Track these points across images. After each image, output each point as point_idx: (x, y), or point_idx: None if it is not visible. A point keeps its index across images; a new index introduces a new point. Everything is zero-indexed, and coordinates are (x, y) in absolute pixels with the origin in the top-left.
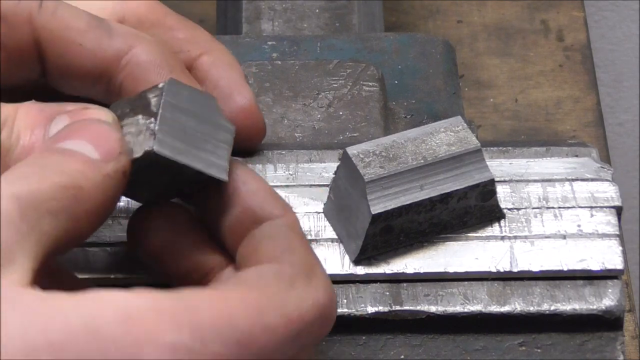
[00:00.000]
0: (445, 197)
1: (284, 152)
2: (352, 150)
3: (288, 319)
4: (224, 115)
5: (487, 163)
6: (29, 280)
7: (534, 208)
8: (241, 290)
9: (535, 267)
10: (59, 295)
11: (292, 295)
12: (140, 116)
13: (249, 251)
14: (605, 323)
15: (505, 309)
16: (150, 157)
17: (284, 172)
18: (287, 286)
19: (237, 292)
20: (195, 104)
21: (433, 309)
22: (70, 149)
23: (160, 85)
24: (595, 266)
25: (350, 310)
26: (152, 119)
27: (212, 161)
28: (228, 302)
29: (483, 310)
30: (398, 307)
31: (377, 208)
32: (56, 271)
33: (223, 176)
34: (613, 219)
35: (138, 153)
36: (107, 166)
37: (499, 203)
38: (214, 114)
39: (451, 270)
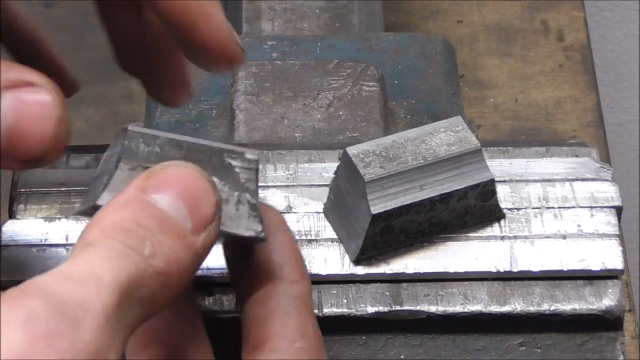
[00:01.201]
0: (445, 197)
1: (284, 152)
2: (352, 150)
3: None
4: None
5: (487, 163)
6: None
7: (534, 208)
8: None
9: (535, 267)
10: None
11: None
12: (227, 185)
13: (259, 317)
14: (605, 323)
15: (505, 309)
16: (246, 240)
17: (284, 172)
18: None
19: None
20: None
21: (433, 309)
22: (166, 214)
23: (251, 157)
24: (595, 266)
25: (350, 310)
26: (249, 195)
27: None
28: None
29: (483, 310)
30: (398, 307)
31: (377, 208)
32: None
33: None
34: (613, 219)
35: (234, 230)
36: (198, 240)
37: (499, 203)
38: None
39: (451, 270)
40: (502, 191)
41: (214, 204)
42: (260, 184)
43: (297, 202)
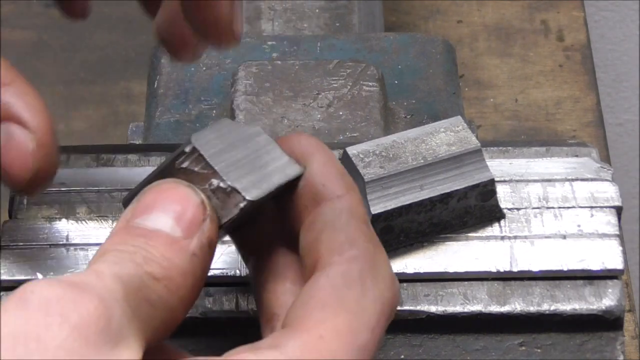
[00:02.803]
0: (445, 197)
1: None
2: (352, 150)
3: (373, 330)
4: (242, 124)
5: (487, 163)
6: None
7: (534, 208)
8: (330, 319)
9: (535, 267)
10: None
11: (368, 303)
12: (197, 185)
13: (309, 241)
14: (605, 323)
15: (505, 309)
16: (246, 209)
17: None
18: (361, 292)
19: (328, 327)
20: (222, 134)
21: (433, 309)
22: (152, 229)
23: (187, 149)
24: (595, 266)
25: None
26: (214, 180)
27: (279, 165)
28: (326, 343)
29: (483, 310)
30: (398, 307)
31: (377, 208)
32: None
33: (298, 170)
34: (613, 219)
35: (229, 215)
36: (192, 243)
37: (499, 203)
38: (237, 129)
39: (451, 270)
40: (502, 191)
41: (198, 205)
42: None
43: None
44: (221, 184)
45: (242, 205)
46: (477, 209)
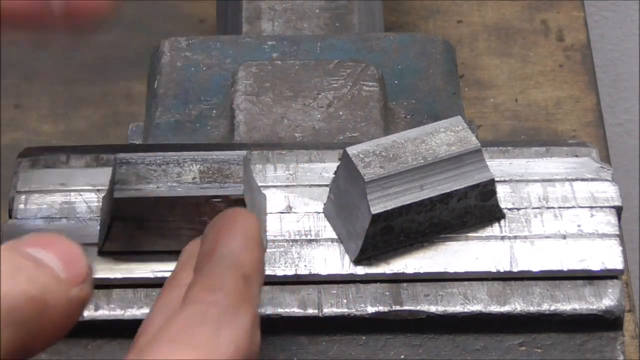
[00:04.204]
0: (445, 197)
1: (284, 152)
2: (352, 150)
3: None
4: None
5: (487, 163)
6: None
7: (534, 208)
8: (176, 354)
9: (535, 267)
10: None
11: (220, 343)
12: None
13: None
14: (605, 323)
15: (505, 309)
16: None
17: (284, 172)
18: (213, 331)
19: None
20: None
21: (433, 309)
22: (41, 259)
23: (234, 197)
24: (595, 266)
25: (350, 310)
26: None
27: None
28: None
29: (483, 310)
30: (398, 307)
31: (377, 208)
32: None
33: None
34: (613, 219)
35: None
36: (72, 290)
37: (499, 203)
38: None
39: (451, 270)
40: (502, 191)
41: (86, 266)
42: (260, 184)
43: (297, 202)
44: None
45: None
46: (477, 209)
